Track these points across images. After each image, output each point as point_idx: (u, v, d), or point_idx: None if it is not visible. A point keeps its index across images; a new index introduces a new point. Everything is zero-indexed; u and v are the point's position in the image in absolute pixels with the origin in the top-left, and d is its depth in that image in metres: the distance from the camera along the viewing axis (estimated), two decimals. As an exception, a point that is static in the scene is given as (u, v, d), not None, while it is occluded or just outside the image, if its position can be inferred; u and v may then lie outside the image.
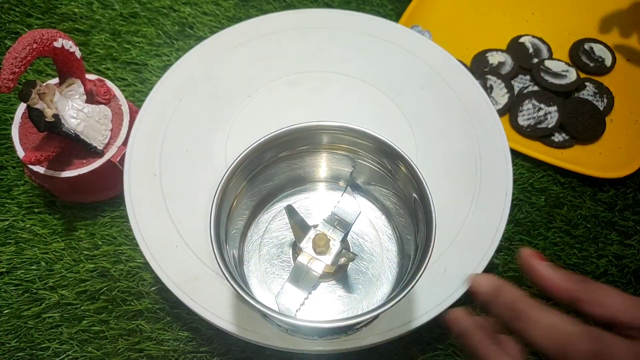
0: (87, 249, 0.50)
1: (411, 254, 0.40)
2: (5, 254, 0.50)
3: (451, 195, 0.46)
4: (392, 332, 0.40)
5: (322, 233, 0.40)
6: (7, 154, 0.55)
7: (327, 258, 0.40)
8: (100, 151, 0.48)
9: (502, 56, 0.61)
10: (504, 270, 0.50)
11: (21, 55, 0.40)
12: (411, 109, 0.50)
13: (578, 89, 0.59)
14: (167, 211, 0.45)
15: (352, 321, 0.33)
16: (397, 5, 0.65)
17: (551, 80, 0.58)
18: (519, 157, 0.55)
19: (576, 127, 0.56)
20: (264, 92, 0.51)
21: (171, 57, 0.61)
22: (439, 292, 0.42)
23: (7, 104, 0.58)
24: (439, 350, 0.46)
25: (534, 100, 0.57)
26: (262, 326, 0.40)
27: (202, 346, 0.46)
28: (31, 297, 0.48)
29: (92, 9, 0.63)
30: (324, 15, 0.56)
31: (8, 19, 0.62)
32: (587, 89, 0.59)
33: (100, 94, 0.50)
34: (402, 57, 0.53)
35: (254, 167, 0.40)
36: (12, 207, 0.52)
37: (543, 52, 0.61)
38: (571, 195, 0.54)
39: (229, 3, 0.65)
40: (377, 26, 0.55)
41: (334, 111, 0.50)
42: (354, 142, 0.41)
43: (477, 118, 0.50)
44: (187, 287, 0.41)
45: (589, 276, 0.50)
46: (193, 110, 0.50)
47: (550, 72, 0.59)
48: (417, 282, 0.33)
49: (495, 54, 0.61)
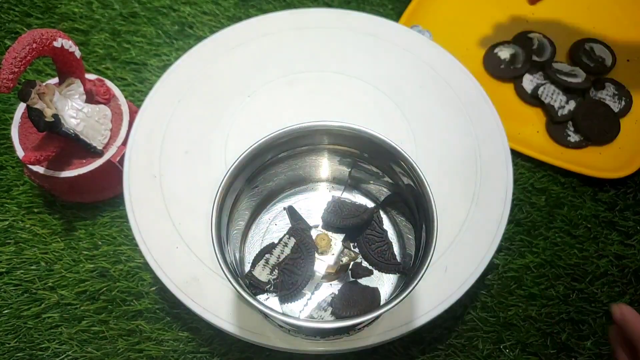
0: (86, 249, 0.50)
1: (412, 254, 0.40)
2: (4, 254, 0.50)
3: (451, 195, 0.46)
4: (393, 332, 0.40)
5: (323, 233, 0.40)
6: (6, 154, 0.55)
7: (329, 258, 0.40)
8: (99, 151, 0.48)
9: (510, 48, 0.61)
10: (504, 271, 0.50)
11: (21, 55, 0.40)
12: (411, 109, 0.50)
13: (597, 88, 0.59)
14: (167, 212, 0.45)
15: (353, 321, 0.33)
16: (397, 5, 0.65)
17: (566, 79, 0.58)
18: (519, 157, 0.55)
19: (592, 129, 0.56)
20: (264, 92, 0.51)
21: (171, 56, 0.61)
22: (439, 292, 0.42)
23: (6, 103, 0.57)
24: (439, 351, 0.46)
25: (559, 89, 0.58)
26: (264, 327, 0.40)
27: (202, 346, 0.46)
28: (31, 297, 0.48)
29: (92, 9, 0.63)
30: (324, 15, 0.55)
31: (8, 18, 0.62)
32: (607, 89, 0.59)
33: (99, 94, 0.50)
34: (402, 57, 0.53)
35: (254, 168, 0.40)
36: (11, 207, 0.52)
37: (547, 52, 0.61)
38: (571, 195, 0.54)
39: (229, 3, 0.64)
40: (377, 26, 0.55)
41: (333, 111, 0.50)
42: (354, 141, 0.41)
43: (477, 118, 0.50)
44: (187, 288, 0.41)
45: (589, 276, 0.50)
46: (193, 110, 0.50)
47: (563, 72, 0.59)
48: (418, 283, 0.33)
49: (504, 48, 0.61)
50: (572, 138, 0.56)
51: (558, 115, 0.57)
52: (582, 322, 0.48)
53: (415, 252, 0.39)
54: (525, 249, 0.51)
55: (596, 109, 0.57)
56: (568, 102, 0.57)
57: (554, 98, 0.57)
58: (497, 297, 0.49)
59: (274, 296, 0.39)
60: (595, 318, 0.48)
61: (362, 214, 0.41)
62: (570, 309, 0.49)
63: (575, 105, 0.57)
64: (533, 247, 0.51)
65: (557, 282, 0.50)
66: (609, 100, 0.58)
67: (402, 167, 0.39)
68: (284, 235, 0.40)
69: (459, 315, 0.48)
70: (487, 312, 0.48)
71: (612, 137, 0.56)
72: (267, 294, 0.39)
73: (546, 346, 0.47)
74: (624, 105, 0.58)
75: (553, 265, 0.50)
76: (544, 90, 0.58)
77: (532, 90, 0.59)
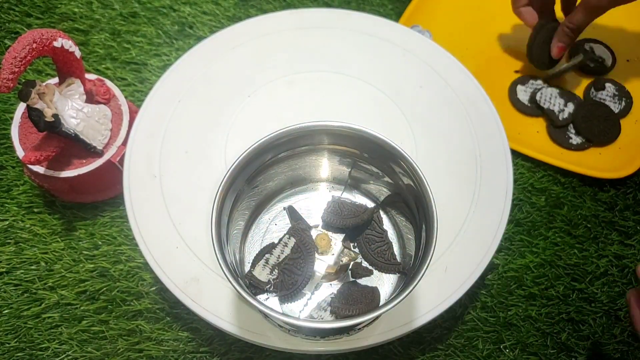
0: (86, 249, 0.50)
1: (412, 254, 0.40)
2: (5, 254, 0.50)
3: (451, 195, 0.46)
4: (393, 332, 0.40)
5: (323, 233, 0.40)
6: (6, 154, 0.55)
7: (329, 258, 0.40)
8: (99, 151, 0.48)
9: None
10: (504, 271, 0.50)
11: (21, 55, 0.40)
12: (411, 109, 0.50)
13: (597, 89, 0.59)
14: (167, 212, 0.45)
15: (353, 321, 0.33)
16: (397, 5, 0.65)
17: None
18: (519, 157, 0.55)
19: (592, 131, 0.56)
20: (264, 92, 0.51)
21: (171, 56, 0.61)
22: (439, 292, 0.42)
23: (6, 103, 0.57)
24: (439, 351, 0.46)
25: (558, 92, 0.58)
26: (263, 327, 0.40)
27: (202, 346, 0.46)
28: (31, 297, 0.48)
29: (92, 9, 0.63)
30: (324, 15, 0.55)
31: (8, 18, 0.62)
32: (607, 89, 0.59)
33: (99, 94, 0.50)
34: (402, 57, 0.53)
35: (254, 168, 0.40)
36: (11, 207, 0.52)
37: None
38: (571, 195, 0.54)
39: (229, 3, 0.64)
40: (377, 26, 0.55)
41: (333, 111, 0.50)
42: (354, 142, 0.41)
43: (477, 118, 0.50)
44: (187, 288, 0.41)
45: (589, 276, 0.50)
46: (193, 110, 0.50)
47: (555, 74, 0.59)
48: (418, 283, 0.33)
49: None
50: (574, 140, 0.56)
51: (559, 119, 0.56)
52: (582, 322, 0.48)
53: (415, 252, 0.39)
54: (525, 249, 0.51)
55: (595, 110, 0.57)
56: (567, 105, 0.57)
57: (552, 102, 0.57)
58: (497, 297, 0.49)
59: (274, 296, 0.39)
60: (595, 318, 0.48)
61: (362, 214, 0.41)
62: (570, 309, 0.49)
63: (574, 107, 0.57)
64: (533, 247, 0.51)
65: (557, 282, 0.50)
66: (609, 101, 0.58)
67: (402, 167, 0.39)
68: (284, 235, 0.40)
69: (459, 315, 0.48)
70: (487, 312, 0.48)
71: (612, 138, 0.56)
72: (267, 294, 0.39)
73: (546, 346, 0.47)
74: (624, 106, 0.58)
75: (553, 265, 0.50)
76: (542, 96, 0.58)
77: (530, 98, 0.59)
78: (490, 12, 0.65)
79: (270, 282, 0.38)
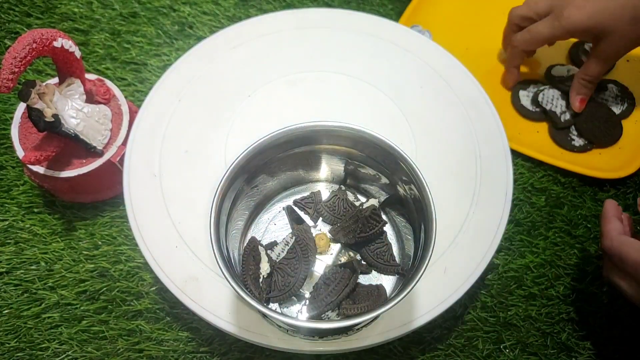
0: (86, 249, 0.50)
1: (411, 254, 0.40)
2: (4, 254, 0.50)
3: (451, 195, 0.46)
4: (392, 332, 0.40)
5: (322, 233, 0.40)
6: (6, 154, 0.55)
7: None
8: (99, 151, 0.48)
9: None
10: (504, 271, 0.50)
11: (21, 55, 0.40)
12: (411, 109, 0.50)
13: (599, 89, 0.58)
14: (167, 211, 0.45)
15: (352, 321, 0.33)
16: (397, 5, 0.65)
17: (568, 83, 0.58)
18: (519, 157, 0.55)
19: (593, 132, 0.56)
20: (264, 92, 0.51)
21: (171, 56, 0.61)
22: (439, 292, 0.42)
23: (6, 103, 0.57)
24: (439, 351, 0.46)
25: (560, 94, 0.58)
26: (263, 327, 0.40)
27: (202, 346, 0.46)
28: (31, 297, 0.48)
29: (92, 9, 0.63)
30: (324, 15, 0.55)
31: (7, 18, 0.62)
32: (609, 90, 0.59)
33: (99, 94, 0.50)
34: (402, 57, 0.53)
35: (254, 168, 0.40)
36: (11, 207, 0.52)
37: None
38: (571, 195, 0.54)
39: (229, 3, 0.64)
40: (377, 26, 0.55)
41: (333, 111, 0.50)
42: (353, 142, 0.41)
43: (477, 118, 0.50)
44: (187, 287, 0.41)
45: (589, 276, 0.50)
46: (193, 110, 0.50)
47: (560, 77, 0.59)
48: (417, 283, 0.33)
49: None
50: (576, 142, 0.56)
51: (561, 120, 0.56)
52: (582, 322, 0.48)
53: (414, 252, 0.39)
54: (525, 249, 0.51)
55: (597, 111, 0.57)
56: (568, 107, 0.57)
57: (554, 104, 0.57)
58: (497, 297, 0.49)
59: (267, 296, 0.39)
60: (595, 318, 0.48)
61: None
62: (570, 309, 0.49)
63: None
64: (533, 247, 0.51)
65: (557, 282, 0.50)
66: (611, 102, 0.58)
67: (402, 168, 0.39)
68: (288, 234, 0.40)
69: (459, 315, 0.48)
70: (487, 312, 0.48)
71: (614, 140, 0.56)
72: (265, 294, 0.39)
73: (546, 346, 0.47)
74: (627, 107, 0.58)
75: (553, 265, 0.50)
76: (544, 97, 0.57)
77: (532, 100, 0.58)
78: (491, 12, 0.65)
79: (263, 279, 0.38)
